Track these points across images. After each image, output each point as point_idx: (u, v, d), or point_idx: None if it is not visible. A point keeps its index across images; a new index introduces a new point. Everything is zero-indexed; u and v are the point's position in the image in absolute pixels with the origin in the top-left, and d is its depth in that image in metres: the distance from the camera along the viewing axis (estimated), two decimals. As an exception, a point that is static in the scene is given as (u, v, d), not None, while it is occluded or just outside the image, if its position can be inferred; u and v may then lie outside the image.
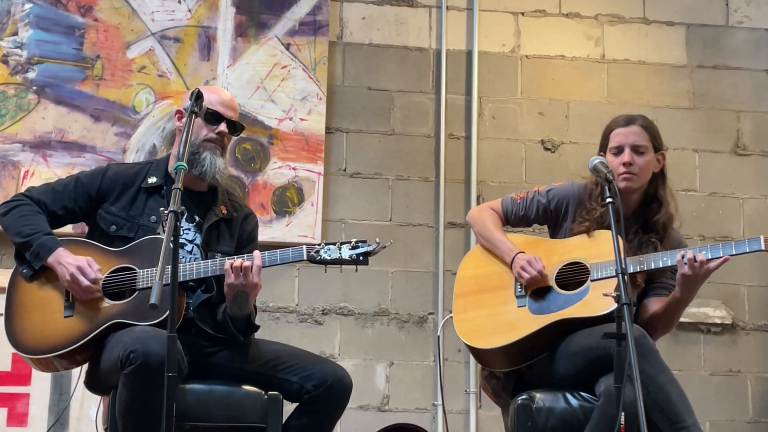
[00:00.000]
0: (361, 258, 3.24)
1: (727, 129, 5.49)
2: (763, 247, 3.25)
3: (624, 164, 3.46)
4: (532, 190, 3.68)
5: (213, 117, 3.39)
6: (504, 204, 3.69)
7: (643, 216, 3.53)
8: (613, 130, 3.53)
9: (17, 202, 3.39)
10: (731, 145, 5.49)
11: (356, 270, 3.30)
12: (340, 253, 3.24)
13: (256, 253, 3.23)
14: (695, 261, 3.27)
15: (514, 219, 3.67)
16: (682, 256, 3.29)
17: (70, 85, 5.01)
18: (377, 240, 3.25)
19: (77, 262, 3.22)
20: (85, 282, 3.20)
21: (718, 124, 5.49)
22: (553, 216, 3.63)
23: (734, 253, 3.29)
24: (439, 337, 4.89)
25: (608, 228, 3.34)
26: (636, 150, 3.48)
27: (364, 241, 3.26)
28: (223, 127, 3.42)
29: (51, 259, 3.25)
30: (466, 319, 3.52)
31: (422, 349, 5.11)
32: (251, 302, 3.28)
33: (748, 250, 3.27)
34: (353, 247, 3.25)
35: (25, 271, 3.30)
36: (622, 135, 3.51)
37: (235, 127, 3.47)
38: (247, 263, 3.19)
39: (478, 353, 3.50)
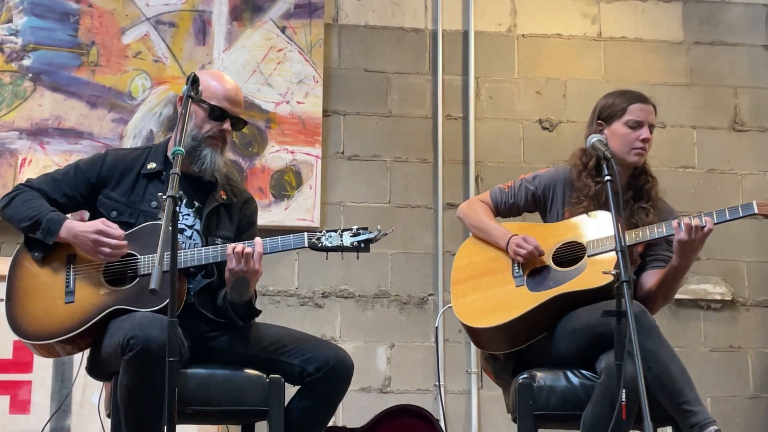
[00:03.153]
0: (362, 245, 3.23)
1: (725, 105, 5.49)
2: (756, 211, 3.26)
3: (643, 140, 3.52)
4: (519, 178, 3.72)
5: (217, 113, 3.37)
6: (492, 195, 3.72)
7: (634, 186, 3.58)
8: (633, 104, 3.56)
9: (17, 192, 3.38)
10: (729, 122, 5.48)
11: (358, 257, 3.30)
12: (342, 240, 3.23)
13: (258, 239, 3.23)
14: (692, 226, 3.29)
15: (504, 208, 3.70)
16: (678, 224, 3.31)
17: (65, 71, 5.00)
18: (378, 227, 3.25)
19: (94, 227, 3.21)
20: (113, 241, 3.19)
21: (716, 100, 5.49)
22: (542, 202, 3.66)
23: (728, 218, 3.30)
24: (437, 327, 4.90)
25: (605, 204, 3.36)
26: (650, 129, 3.55)
27: (366, 228, 3.25)
28: (227, 125, 3.40)
29: (64, 233, 3.24)
30: (464, 303, 3.53)
31: (423, 330, 5.12)
32: (251, 288, 3.28)
33: (741, 215, 3.29)
34: (354, 234, 3.24)
35: (37, 254, 3.29)
36: (644, 112, 3.56)
37: (239, 124, 3.46)
38: (248, 249, 3.19)
39: (478, 334, 3.50)
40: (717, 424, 3.11)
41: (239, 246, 3.19)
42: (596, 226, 3.44)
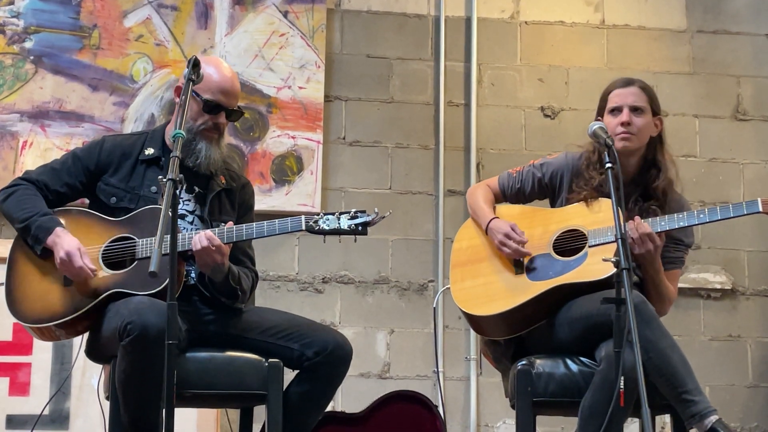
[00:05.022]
0: (359, 228, 3.22)
1: (728, 94, 5.48)
2: (761, 209, 3.23)
3: (622, 124, 3.45)
4: (528, 163, 3.68)
5: (211, 106, 3.36)
6: (500, 179, 3.69)
7: (643, 183, 3.51)
8: (612, 91, 3.52)
9: (15, 187, 3.37)
10: (731, 111, 5.47)
11: (355, 240, 3.29)
12: (339, 224, 3.23)
13: (208, 233, 3.19)
14: (640, 240, 3.28)
15: (510, 193, 3.67)
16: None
17: (67, 54, 4.99)
18: (376, 210, 3.24)
19: (71, 247, 3.18)
20: (74, 270, 3.18)
21: (719, 89, 5.47)
22: (549, 189, 3.63)
23: (732, 215, 3.27)
24: (435, 309, 4.90)
25: (607, 195, 3.35)
26: (634, 110, 3.47)
27: (363, 212, 3.24)
28: (221, 118, 3.39)
29: (50, 241, 3.23)
30: (463, 288, 3.52)
31: (422, 316, 5.12)
32: (224, 268, 3.25)
33: (746, 212, 3.26)
34: (352, 217, 3.23)
35: (39, 253, 3.28)
36: (621, 95, 3.49)
37: (235, 116, 3.44)
38: (207, 244, 3.17)
39: (477, 321, 3.49)
40: (718, 413, 3.11)
41: (204, 242, 3.17)
42: (599, 215, 3.41)
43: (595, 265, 3.31)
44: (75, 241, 3.21)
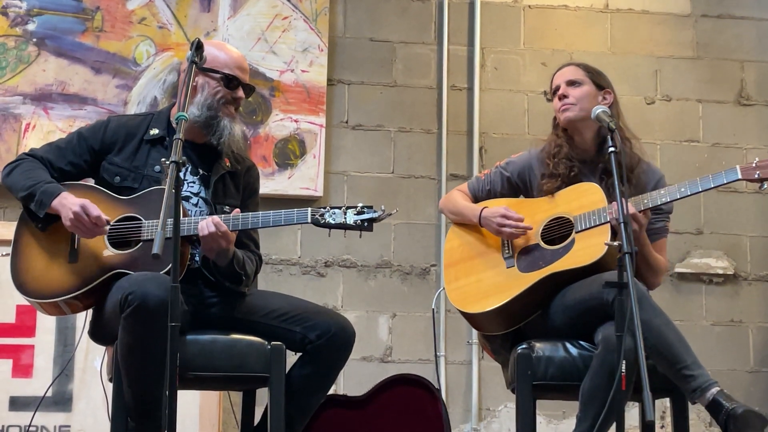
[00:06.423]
0: (365, 224, 3.23)
1: (731, 79, 5.47)
2: (740, 176, 3.23)
3: (559, 97, 3.56)
4: (494, 165, 3.74)
5: (231, 81, 3.39)
6: (470, 185, 3.75)
7: (603, 159, 3.50)
8: (552, 77, 3.65)
9: (19, 161, 3.38)
10: (735, 96, 5.46)
11: (360, 236, 3.29)
12: (345, 218, 3.22)
13: (215, 219, 3.20)
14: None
15: (481, 196, 3.71)
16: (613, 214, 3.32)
17: (70, 36, 4.99)
18: (383, 207, 3.24)
19: (80, 201, 3.19)
20: (87, 220, 3.16)
21: (722, 74, 5.46)
22: (521, 186, 3.66)
23: (712, 186, 3.27)
24: (435, 308, 4.90)
25: (567, 182, 3.46)
26: (571, 84, 3.57)
27: (370, 207, 3.24)
28: (240, 93, 3.42)
29: (55, 204, 3.22)
30: (458, 287, 3.54)
31: (424, 300, 5.12)
32: (229, 253, 3.27)
33: (725, 181, 3.25)
34: (358, 213, 3.23)
35: (40, 225, 3.29)
36: (558, 76, 3.63)
37: (250, 90, 3.49)
38: (213, 230, 3.18)
39: (474, 319, 3.51)
40: (719, 384, 3.11)
41: (213, 228, 3.17)
42: (582, 200, 3.42)
43: (582, 250, 3.33)
44: (84, 199, 3.21)
